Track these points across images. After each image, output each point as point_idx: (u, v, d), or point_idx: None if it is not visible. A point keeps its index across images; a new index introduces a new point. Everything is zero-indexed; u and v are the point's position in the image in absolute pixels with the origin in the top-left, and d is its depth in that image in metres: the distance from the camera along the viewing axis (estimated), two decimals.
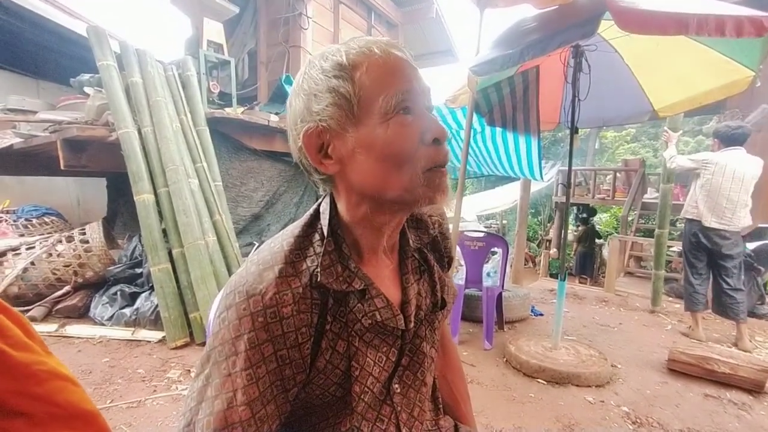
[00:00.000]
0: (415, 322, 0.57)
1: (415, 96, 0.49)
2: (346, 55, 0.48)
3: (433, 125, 0.49)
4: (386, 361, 0.55)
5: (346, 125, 0.48)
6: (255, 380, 0.46)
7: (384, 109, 0.47)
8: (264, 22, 4.46)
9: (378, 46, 0.49)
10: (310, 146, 0.50)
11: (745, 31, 1.37)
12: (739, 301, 2.73)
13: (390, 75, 0.48)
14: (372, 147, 0.47)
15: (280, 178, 3.75)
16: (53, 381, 0.38)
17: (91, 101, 2.85)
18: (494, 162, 3.57)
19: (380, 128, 0.47)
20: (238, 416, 0.45)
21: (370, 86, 0.47)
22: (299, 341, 0.48)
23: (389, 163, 0.47)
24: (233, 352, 0.46)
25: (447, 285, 0.64)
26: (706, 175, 2.71)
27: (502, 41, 1.97)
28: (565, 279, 2.41)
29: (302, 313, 0.48)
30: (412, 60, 0.52)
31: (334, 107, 0.47)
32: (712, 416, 1.88)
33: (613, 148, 16.59)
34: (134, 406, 1.76)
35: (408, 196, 0.49)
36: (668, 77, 2.45)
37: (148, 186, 2.58)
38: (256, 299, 0.47)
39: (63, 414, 0.39)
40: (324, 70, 0.48)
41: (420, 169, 0.48)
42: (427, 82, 0.52)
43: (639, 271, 6.34)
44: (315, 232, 0.54)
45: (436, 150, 0.49)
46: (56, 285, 2.76)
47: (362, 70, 0.47)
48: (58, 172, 3.20)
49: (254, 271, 0.49)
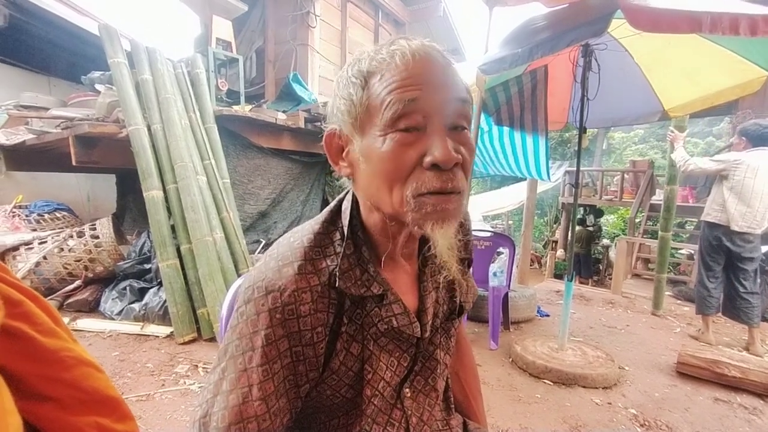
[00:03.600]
0: (431, 330, 0.57)
1: (427, 107, 0.44)
2: (370, 61, 0.47)
3: (436, 148, 0.43)
4: (398, 366, 0.55)
5: (354, 132, 0.48)
6: (270, 375, 0.46)
7: (384, 120, 0.44)
8: (272, 20, 4.48)
9: (403, 52, 0.45)
10: (329, 146, 0.51)
11: (759, 30, 1.35)
12: (754, 305, 2.67)
13: (400, 83, 0.44)
14: (370, 159, 0.47)
15: (287, 176, 3.77)
16: (80, 367, 0.39)
17: (102, 98, 2.89)
18: (501, 161, 3.55)
19: (378, 141, 0.45)
20: (253, 411, 0.45)
21: (377, 95, 0.45)
22: (314, 340, 0.48)
23: (381, 180, 0.46)
24: (250, 347, 0.47)
25: (468, 287, 0.64)
26: (736, 176, 2.56)
27: (510, 40, 1.96)
28: (572, 280, 2.39)
29: (319, 312, 0.48)
30: (447, 67, 0.46)
31: (345, 113, 0.48)
32: (722, 420, 1.86)
33: (621, 149, 16.43)
34: (143, 399, 1.78)
35: (399, 217, 0.47)
36: (679, 77, 2.41)
37: (157, 182, 2.61)
38: (274, 295, 0.47)
39: (89, 399, 0.40)
40: (349, 75, 0.48)
41: (411, 192, 0.44)
42: (461, 94, 0.46)
43: (646, 273, 6.27)
44: (336, 230, 0.53)
45: (434, 176, 0.44)
46: (67, 279, 2.80)
47: (377, 78, 0.45)
48: (70, 168, 3.25)
49: (273, 267, 0.49)
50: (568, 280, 2.38)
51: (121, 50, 2.81)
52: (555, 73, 2.47)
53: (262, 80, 4.51)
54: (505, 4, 2.26)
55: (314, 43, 4.34)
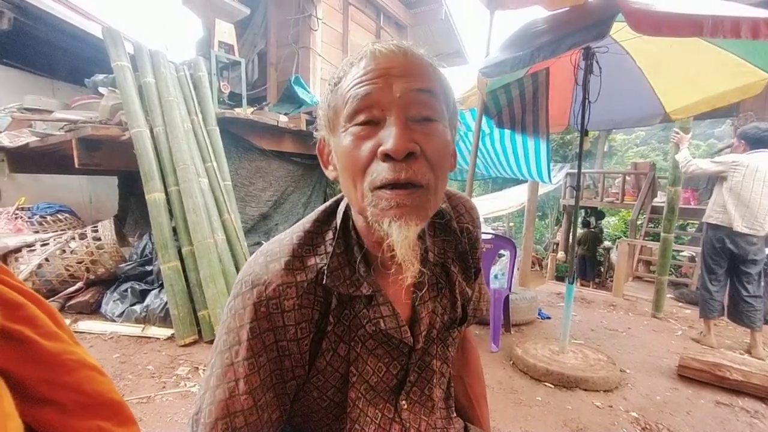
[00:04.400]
0: (426, 341, 0.56)
1: (382, 100, 0.43)
2: (342, 66, 0.48)
3: (387, 139, 0.42)
4: (386, 372, 0.54)
5: (329, 134, 0.49)
6: (257, 369, 0.47)
7: (344, 118, 0.45)
8: (274, 23, 4.50)
9: (366, 52, 0.46)
10: (321, 152, 0.53)
11: (761, 33, 1.35)
12: (757, 309, 2.66)
13: (359, 81, 0.44)
14: (338, 157, 0.48)
15: (289, 178, 3.78)
16: (82, 370, 0.40)
17: (105, 101, 2.90)
18: (502, 164, 3.56)
19: (341, 138, 0.46)
20: (240, 405, 0.46)
21: (340, 95, 0.46)
22: (298, 336, 0.48)
23: (345, 177, 0.46)
24: (237, 341, 0.47)
25: (481, 294, 0.63)
26: (735, 177, 2.58)
27: (512, 43, 1.96)
28: (574, 282, 2.39)
29: (304, 308, 0.49)
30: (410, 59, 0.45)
31: (323, 118, 0.50)
32: (724, 424, 1.85)
33: (622, 151, 16.41)
34: (144, 401, 1.78)
35: (366, 215, 0.45)
36: (681, 79, 2.41)
37: (159, 185, 2.62)
38: (259, 289, 0.48)
39: (91, 403, 0.40)
40: (330, 83, 0.50)
41: (368, 185, 0.43)
42: (424, 85, 0.44)
43: (648, 276, 6.25)
44: (330, 229, 0.53)
45: (386, 167, 0.42)
46: (69, 281, 2.81)
47: (346, 79, 0.46)
48: (72, 171, 3.27)
49: (261, 262, 0.50)
50: (569, 283, 2.37)
51: (125, 53, 2.82)
52: (556, 75, 2.47)
53: (264, 83, 4.53)
54: (506, 8, 2.26)
55: (316, 46, 4.35)
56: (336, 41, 4.75)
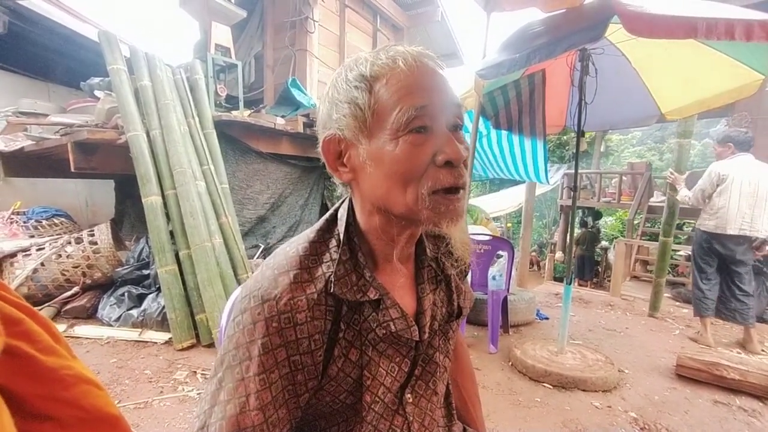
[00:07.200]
0: (429, 333, 0.57)
1: (434, 112, 0.47)
2: (371, 65, 0.48)
3: (447, 147, 0.46)
4: (398, 371, 0.55)
5: (360, 137, 0.48)
6: (268, 385, 0.46)
7: (396, 124, 0.46)
8: (271, 25, 4.50)
9: (404, 58, 0.47)
10: (328, 152, 0.51)
11: (755, 35, 1.36)
12: (750, 306, 2.72)
13: (408, 89, 0.46)
14: (381, 162, 0.47)
15: (286, 181, 3.77)
16: (80, 385, 0.39)
17: (101, 104, 2.89)
18: (500, 165, 3.57)
19: (390, 144, 0.46)
20: (250, 420, 0.45)
21: (386, 100, 0.46)
22: (312, 348, 0.48)
23: (394, 181, 0.47)
24: (247, 356, 0.47)
25: (465, 291, 0.64)
26: (724, 182, 2.68)
27: (509, 45, 1.97)
28: (571, 283, 2.39)
29: (316, 319, 0.49)
30: (443, 74, 0.50)
31: (350, 117, 0.48)
32: (722, 423, 1.86)
33: (618, 151, 16.47)
34: (141, 406, 1.77)
35: (412, 216, 0.48)
36: (676, 80, 2.43)
37: (156, 188, 2.61)
38: (270, 304, 0.47)
39: (89, 418, 0.39)
40: (348, 80, 0.49)
41: (426, 191, 0.46)
42: (457, 99, 0.50)
43: (645, 276, 6.28)
44: (332, 237, 0.54)
45: (447, 173, 0.46)
46: (65, 286, 2.79)
47: (382, 82, 0.47)
48: (68, 174, 3.25)
49: (269, 276, 0.50)
50: (567, 283, 2.38)
51: (121, 56, 2.81)
52: (553, 77, 2.48)
53: (261, 85, 4.52)
54: (502, 10, 2.27)
55: (313, 48, 4.35)
56: (333, 43, 4.75)
